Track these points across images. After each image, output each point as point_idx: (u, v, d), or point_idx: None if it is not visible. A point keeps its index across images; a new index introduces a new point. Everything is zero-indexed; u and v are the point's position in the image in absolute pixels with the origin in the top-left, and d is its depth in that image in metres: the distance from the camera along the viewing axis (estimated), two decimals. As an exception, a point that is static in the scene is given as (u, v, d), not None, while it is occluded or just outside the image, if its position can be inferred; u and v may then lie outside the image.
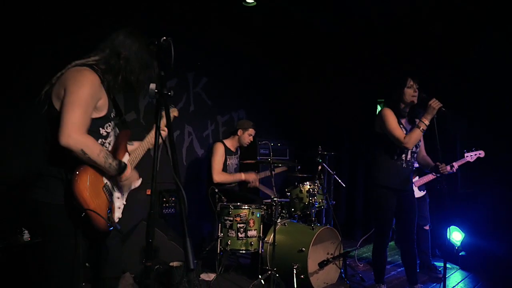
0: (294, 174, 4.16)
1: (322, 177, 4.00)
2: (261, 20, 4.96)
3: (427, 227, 3.98)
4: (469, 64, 4.52)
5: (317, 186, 3.79)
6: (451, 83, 4.61)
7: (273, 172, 3.65)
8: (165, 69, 1.52)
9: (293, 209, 3.87)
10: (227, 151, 4.15)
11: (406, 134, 2.91)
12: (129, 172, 1.83)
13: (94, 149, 1.60)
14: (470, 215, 4.37)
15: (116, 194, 1.85)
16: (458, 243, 4.33)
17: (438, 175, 3.01)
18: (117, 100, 1.91)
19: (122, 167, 1.76)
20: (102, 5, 3.65)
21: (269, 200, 3.70)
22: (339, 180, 4.34)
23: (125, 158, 1.89)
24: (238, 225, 3.45)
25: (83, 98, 1.58)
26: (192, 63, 4.78)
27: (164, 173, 4.45)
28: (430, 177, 3.89)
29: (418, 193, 3.91)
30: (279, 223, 3.56)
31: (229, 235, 3.47)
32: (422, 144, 3.14)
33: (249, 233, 3.47)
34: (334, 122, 5.86)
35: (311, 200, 3.67)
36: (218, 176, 3.97)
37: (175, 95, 4.60)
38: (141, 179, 2.01)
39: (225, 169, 4.10)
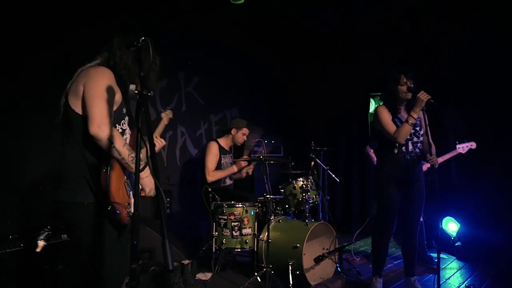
0: (288, 170, 4.15)
1: (316, 172, 4.00)
2: (252, 17, 4.94)
3: (421, 219, 3.98)
4: (462, 56, 4.52)
5: (311, 182, 3.79)
6: (444, 74, 4.61)
7: (267, 170, 3.65)
8: (146, 69, 1.51)
9: (287, 206, 3.87)
10: (221, 150, 4.15)
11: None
12: (147, 171, 1.87)
13: (120, 141, 1.69)
14: (465, 205, 4.39)
15: (132, 190, 1.89)
16: (454, 234, 4.34)
17: (429, 166, 3.02)
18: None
19: (144, 165, 1.81)
20: (94, 5, 3.65)
21: (263, 198, 3.69)
22: (333, 175, 4.33)
23: None
24: (233, 223, 3.46)
25: (105, 92, 1.68)
26: (183, 63, 4.77)
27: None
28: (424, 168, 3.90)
29: None
30: (273, 220, 3.57)
31: (224, 233, 3.47)
32: (427, 131, 3.10)
33: (244, 231, 3.48)
34: (329, 117, 5.86)
35: (305, 196, 3.67)
36: (211, 176, 3.97)
37: (167, 96, 4.61)
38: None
39: (219, 168, 4.10)
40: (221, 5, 4.54)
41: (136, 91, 1.45)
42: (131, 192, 1.85)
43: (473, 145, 3.79)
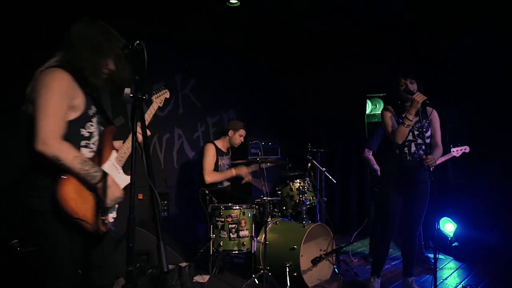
0: (285, 172, 4.16)
1: (313, 174, 4.00)
2: (247, 19, 4.95)
3: (419, 219, 4.00)
4: (456, 56, 4.55)
5: (307, 183, 3.80)
6: (439, 75, 4.63)
7: (264, 172, 3.66)
8: (141, 73, 1.51)
9: (284, 208, 3.88)
10: (218, 152, 4.15)
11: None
12: (110, 181, 1.74)
13: (69, 156, 1.58)
14: (462, 205, 4.40)
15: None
16: (451, 234, 4.35)
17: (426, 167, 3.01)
18: (99, 97, 1.87)
19: (101, 176, 1.70)
20: (92, 8, 3.64)
21: (260, 200, 3.70)
22: (330, 177, 4.34)
23: (113, 156, 1.87)
24: (230, 225, 3.46)
25: (54, 101, 1.57)
26: (180, 65, 4.78)
27: (156, 176, 4.46)
28: None
29: None
30: (271, 222, 3.57)
31: (221, 236, 3.47)
32: (436, 134, 3.08)
33: (241, 233, 3.48)
34: (326, 119, 5.87)
35: (302, 197, 3.68)
36: (209, 176, 3.97)
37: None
38: (124, 191, 1.93)
39: (217, 169, 4.10)
40: (217, 7, 4.55)
41: (131, 95, 1.45)
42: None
43: (466, 149, 3.89)
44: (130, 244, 1.39)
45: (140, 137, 1.97)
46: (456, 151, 3.84)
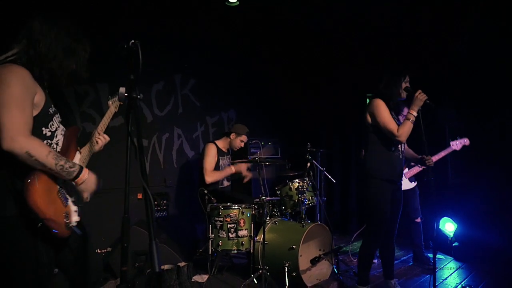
0: (285, 172, 4.15)
1: (312, 174, 3.99)
2: (247, 19, 4.95)
3: (418, 220, 3.98)
4: (456, 54, 4.53)
5: (307, 183, 3.78)
6: (439, 73, 4.62)
7: (262, 172, 3.65)
8: (136, 72, 1.50)
9: (283, 207, 3.87)
10: (219, 152, 4.14)
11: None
12: (86, 175, 1.69)
13: (42, 151, 1.50)
14: (462, 205, 4.38)
15: (72, 198, 1.76)
16: (451, 234, 4.34)
17: (424, 167, 3.00)
18: (60, 96, 1.86)
19: (78, 170, 1.65)
20: (91, 9, 3.63)
21: (259, 199, 3.69)
22: (329, 176, 4.33)
23: (76, 158, 1.83)
24: (229, 225, 3.46)
25: (16, 96, 1.47)
26: (179, 65, 4.78)
27: (155, 176, 4.48)
28: (418, 168, 3.89)
29: (409, 185, 3.90)
30: (269, 222, 3.56)
31: (220, 235, 3.47)
32: None
33: (240, 233, 3.48)
34: (326, 118, 5.87)
35: (301, 197, 3.67)
36: (210, 176, 3.95)
37: (163, 98, 4.62)
38: (100, 180, 1.87)
39: (217, 169, 4.09)
40: (216, 6, 4.55)
41: (125, 94, 1.45)
42: (68, 201, 1.71)
43: (466, 141, 3.72)
44: (124, 243, 1.38)
45: (99, 142, 1.96)
46: (456, 145, 3.69)
